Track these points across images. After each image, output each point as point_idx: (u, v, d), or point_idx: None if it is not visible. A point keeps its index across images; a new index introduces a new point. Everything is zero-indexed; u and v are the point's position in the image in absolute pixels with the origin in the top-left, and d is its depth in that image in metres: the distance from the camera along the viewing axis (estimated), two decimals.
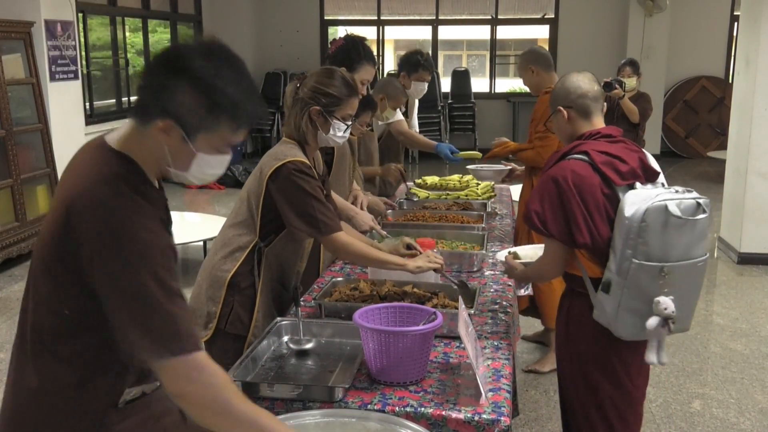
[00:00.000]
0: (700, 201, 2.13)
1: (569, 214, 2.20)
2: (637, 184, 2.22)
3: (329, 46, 3.50)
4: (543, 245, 2.42)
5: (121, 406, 1.52)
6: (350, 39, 3.43)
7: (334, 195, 3.10)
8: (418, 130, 4.83)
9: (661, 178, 2.33)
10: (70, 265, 1.40)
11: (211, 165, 1.49)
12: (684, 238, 2.11)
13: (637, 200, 2.12)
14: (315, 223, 2.43)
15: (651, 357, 2.20)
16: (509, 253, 2.74)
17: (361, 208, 3.33)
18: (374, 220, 3.21)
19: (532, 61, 4.07)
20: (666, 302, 2.11)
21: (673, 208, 2.08)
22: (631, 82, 5.89)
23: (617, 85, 5.67)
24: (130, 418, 1.53)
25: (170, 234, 1.50)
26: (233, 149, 1.52)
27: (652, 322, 2.12)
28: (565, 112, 2.42)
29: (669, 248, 2.10)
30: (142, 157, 1.47)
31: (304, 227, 2.44)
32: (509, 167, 4.32)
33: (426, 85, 4.45)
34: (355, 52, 3.32)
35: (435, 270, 2.55)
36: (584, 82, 2.43)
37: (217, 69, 1.40)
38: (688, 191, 2.16)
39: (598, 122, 2.43)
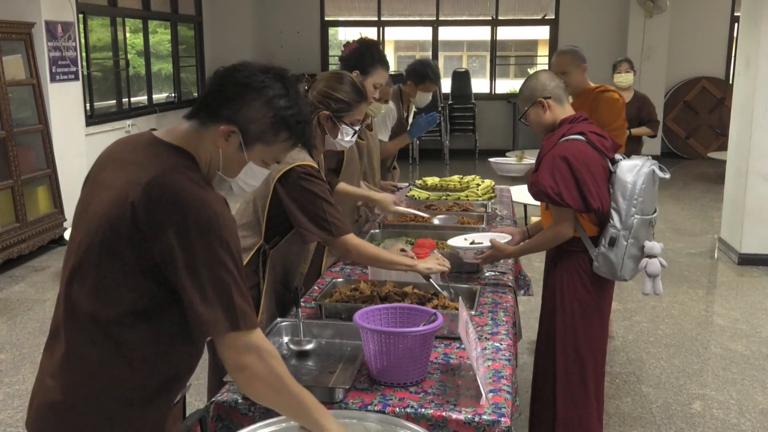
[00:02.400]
0: (659, 164, 2.66)
1: (582, 185, 2.59)
2: (617, 156, 2.69)
3: (342, 48, 3.49)
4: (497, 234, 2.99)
5: (171, 405, 1.59)
6: (364, 42, 3.43)
7: (344, 185, 3.20)
8: None
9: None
10: (138, 249, 1.45)
11: (255, 176, 1.62)
12: (654, 194, 2.66)
13: (630, 168, 2.61)
14: (327, 226, 2.43)
15: (650, 289, 2.69)
16: (470, 242, 2.94)
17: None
18: (398, 200, 3.27)
19: (582, 59, 3.79)
20: (654, 245, 2.63)
21: (658, 171, 2.62)
22: (628, 78, 5.88)
23: None
24: (166, 415, 1.60)
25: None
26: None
27: (653, 264, 2.63)
28: (546, 103, 2.73)
29: (650, 204, 2.63)
30: (197, 156, 1.56)
31: (315, 230, 2.43)
32: (533, 163, 4.19)
33: (431, 94, 4.41)
34: (368, 55, 3.30)
35: (443, 273, 2.54)
36: (552, 76, 2.80)
37: (287, 91, 1.57)
38: (649, 158, 2.66)
39: (569, 108, 2.79)
